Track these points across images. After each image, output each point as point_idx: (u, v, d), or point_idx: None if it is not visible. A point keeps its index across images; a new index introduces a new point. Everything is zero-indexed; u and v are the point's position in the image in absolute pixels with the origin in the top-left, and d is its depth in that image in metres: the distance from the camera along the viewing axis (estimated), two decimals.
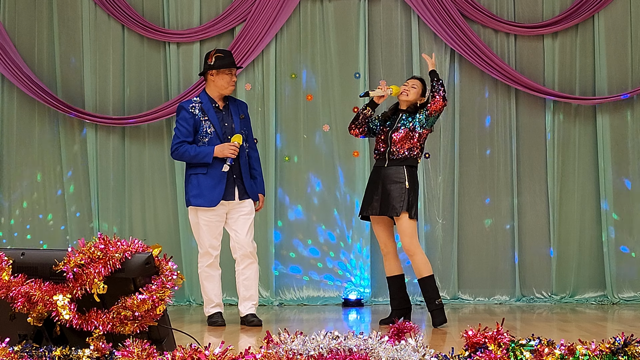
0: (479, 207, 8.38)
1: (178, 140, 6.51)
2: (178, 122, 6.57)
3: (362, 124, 6.66)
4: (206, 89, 6.65)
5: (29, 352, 3.58)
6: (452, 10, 8.21)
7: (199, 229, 6.56)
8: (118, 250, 3.58)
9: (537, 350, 3.55)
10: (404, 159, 6.54)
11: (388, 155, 6.57)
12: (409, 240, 6.49)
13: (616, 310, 7.71)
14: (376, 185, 6.61)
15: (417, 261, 6.52)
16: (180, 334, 4.05)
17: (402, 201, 6.47)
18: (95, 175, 8.41)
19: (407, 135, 6.53)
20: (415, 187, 6.55)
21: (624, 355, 3.49)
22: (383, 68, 8.43)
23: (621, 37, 8.30)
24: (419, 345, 3.51)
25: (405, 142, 6.54)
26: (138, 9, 8.49)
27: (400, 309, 6.66)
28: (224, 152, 6.44)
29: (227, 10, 8.39)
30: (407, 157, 6.54)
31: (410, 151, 6.54)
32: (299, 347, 3.46)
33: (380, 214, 6.59)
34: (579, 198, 8.33)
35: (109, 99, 8.48)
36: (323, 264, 8.39)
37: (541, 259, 8.33)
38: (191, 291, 8.35)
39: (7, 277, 3.71)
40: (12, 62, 8.34)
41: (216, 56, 6.56)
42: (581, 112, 8.36)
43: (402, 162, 6.54)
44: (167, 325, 3.72)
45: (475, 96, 8.40)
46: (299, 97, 8.44)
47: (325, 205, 8.40)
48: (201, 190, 6.49)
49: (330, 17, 8.42)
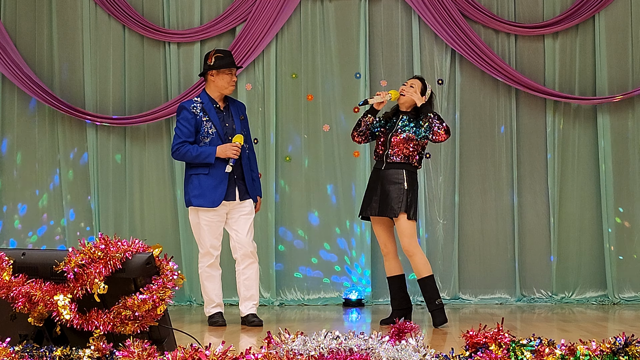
0: (480, 207, 8.38)
1: (179, 141, 6.49)
2: (179, 122, 6.55)
3: (364, 131, 6.65)
4: (206, 89, 6.63)
5: (30, 352, 3.58)
6: (453, 10, 8.21)
7: (199, 229, 6.55)
8: (119, 250, 3.58)
9: (537, 350, 3.56)
10: (403, 163, 6.53)
11: (386, 158, 6.57)
12: (407, 241, 6.49)
13: (617, 310, 7.71)
14: (375, 186, 6.61)
15: (416, 262, 6.52)
16: (181, 334, 4.05)
17: (401, 202, 6.47)
18: (95, 175, 8.41)
19: (406, 140, 6.53)
20: (414, 188, 6.54)
21: (625, 356, 3.49)
22: (383, 68, 8.43)
23: (622, 37, 8.30)
24: (419, 345, 3.51)
25: (403, 147, 6.53)
26: (138, 9, 8.49)
27: (401, 309, 6.66)
28: (226, 153, 6.43)
29: (228, 10, 8.39)
30: (405, 162, 6.53)
31: (409, 157, 6.52)
32: (299, 347, 3.46)
33: (379, 215, 6.59)
34: (579, 198, 8.33)
35: (109, 99, 8.48)
36: (323, 264, 8.38)
37: (542, 259, 8.33)
38: (192, 291, 8.35)
39: (8, 277, 3.71)
40: (12, 62, 8.34)
41: (216, 56, 6.55)
42: (581, 112, 8.36)
43: (400, 165, 6.54)
44: (168, 326, 3.72)
45: (476, 96, 8.40)
46: (300, 97, 8.44)
47: (325, 205, 8.40)
48: (203, 191, 6.48)
49: (330, 17, 8.42)
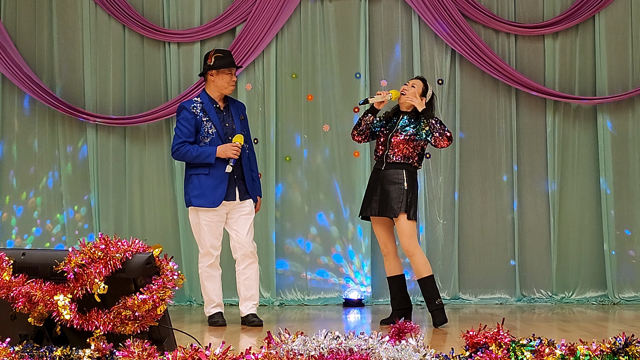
0: (480, 207, 8.38)
1: (179, 141, 6.48)
2: (179, 122, 6.54)
3: (364, 130, 6.65)
4: (206, 89, 6.63)
5: (30, 352, 3.58)
6: (453, 10, 8.20)
7: (200, 229, 6.55)
8: (119, 250, 3.58)
9: (537, 351, 3.56)
10: (403, 163, 6.53)
11: (386, 158, 6.57)
12: (407, 241, 6.49)
13: (617, 310, 7.71)
14: (375, 186, 6.61)
15: (416, 262, 6.52)
16: (181, 334, 4.05)
17: (401, 202, 6.46)
18: (95, 175, 8.41)
19: (406, 140, 6.52)
20: (414, 188, 6.53)
21: (625, 356, 3.49)
22: (383, 68, 8.43)
23: (622, 37, 8.30)
24: (419, 345, 3.51)
25: (403, 147, 6.52)
26: (138, 8, 8.49)
27: (401, 309, 6.66)
28: (226, 153, 6.42)
29: (228, 10, 8.39)
30: (406, 162, 6.52)
31: (408, 158, 6.52)
32: (299, 347, 3.46)
33: (379, 215, 6.59)
34: (579, 198, 8.32)
35: (109, 99, 8.48)
36: (324, 264, 8.38)
37: (542, 259, 8.32)
38: (192, 291, 8.35)
39: (8, 277, 3.71)
40: (13, 62, 8.34)
41: (216, 56, 6.55)
42: (581, 112, 8.36)
43: (400, 165, 6.53)
44: (168, 326, 3.72)
45: (476, 96, 8.40)
46: (300, 97, 8.44)
47: (325, 204, 8.40)
48: (203, 191, 6.47)
49: (330, 17, 8.42)
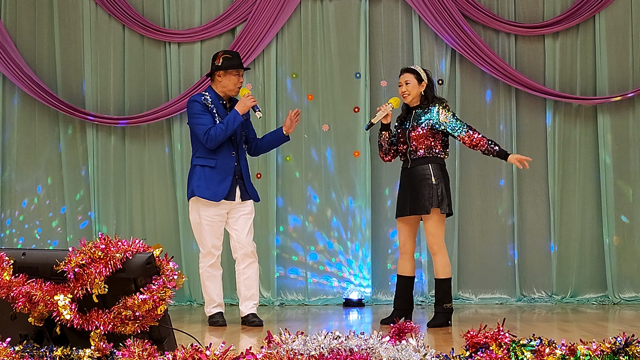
0: (480, 206, 8.38)
1: (205, 129, 6.43)
2: (195, 115, 6.48)
3: (388, 148, 6.65)
4: (213, 87, 6.64)
5: (30, 352, 3.58)
6: (453, 10, 8.20)
7: (201, 229, 6.54)
8: (119, 250, 3.58)
9: (538, 351, 3.55)
10: (427, 157, 6.48)
11: (410, 155, 6.54)
12: (432, 239, 6.48)
13: (617, 310, 7.70)
14: (404, 186, 6.58)
15: (437, 261, 6.52)
16: (181, 334, 4.05)
17: (432, 197, 6.42)
18: (95, 175, 8.41)
19: (425, 133, 6.49)
20: (444, 180, 6.47)
21: (625, 356, 3.49)
22: (383, 68, 8.43)
23: (622, 37, 8.29)
24: (419, 345, 3.51)
25: (424, 140, 6.50)
26: (139, 8, 8.49)
27: (402, 309, 6.65)
28: (246, 104, 6.46)
29: (228, 10, 8.39)
30: (429, 155, 6.48)
31: (431, 149, 6.47)
32: (300, 347, 3.46)
33: (411, 214, 6.55)
34: (580, 198, 8.32)
35: (109, 99, 8.48)
36: (324, 264, 8.38)
37: (542, 259, 8.33)
38: (192, 291, 8.35)
39: (8, 277, 3.71)
40: (13, 62, 8.34)
41: (224, 57, 6.55)
42: (582, 112, 8.35)
43: (425, 160, 6.48)
44: (168, 325, 3.72)
45: (476, 96, 8.40)
46: (300, 97, 8.43)
47: (326, 204, 8.39)
48: (207, 183, 6.47)
49: (331, 17, 8.42)
